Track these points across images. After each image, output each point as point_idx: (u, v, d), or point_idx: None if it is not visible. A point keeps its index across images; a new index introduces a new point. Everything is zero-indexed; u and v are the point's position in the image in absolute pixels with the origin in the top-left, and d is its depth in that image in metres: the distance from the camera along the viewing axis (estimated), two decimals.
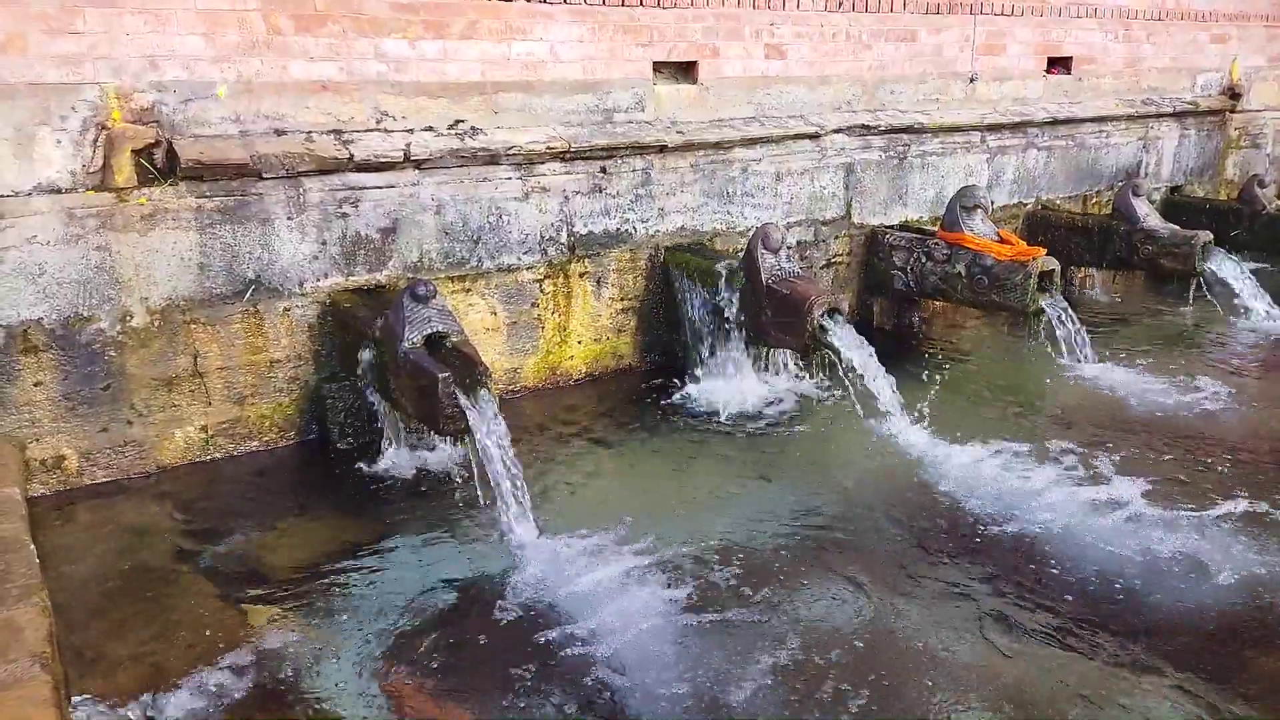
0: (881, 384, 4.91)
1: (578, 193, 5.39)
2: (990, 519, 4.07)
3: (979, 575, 3.68)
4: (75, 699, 2.90)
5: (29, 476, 4.10)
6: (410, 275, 4.87)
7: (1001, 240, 5.97)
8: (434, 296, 4.22)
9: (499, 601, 3.49)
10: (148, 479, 4.38)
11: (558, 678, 3.09)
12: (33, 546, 3.15)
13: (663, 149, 5.62)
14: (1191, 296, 7.05)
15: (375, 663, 3.18)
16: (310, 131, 4.58)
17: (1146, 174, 8.53)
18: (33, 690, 2.38)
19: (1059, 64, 7.83)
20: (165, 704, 2.96)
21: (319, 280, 4.70)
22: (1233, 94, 9.11)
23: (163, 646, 3.23)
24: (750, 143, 5.98)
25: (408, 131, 4.82)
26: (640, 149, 5.54)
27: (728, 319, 5.42)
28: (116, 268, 4.18)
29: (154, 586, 3.58)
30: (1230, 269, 6.81)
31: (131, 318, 4.26)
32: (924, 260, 6.24)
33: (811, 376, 5.58)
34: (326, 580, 3.64)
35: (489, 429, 3.88)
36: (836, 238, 6.59)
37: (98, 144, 4.10)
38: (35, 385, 4.11)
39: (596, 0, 5.30)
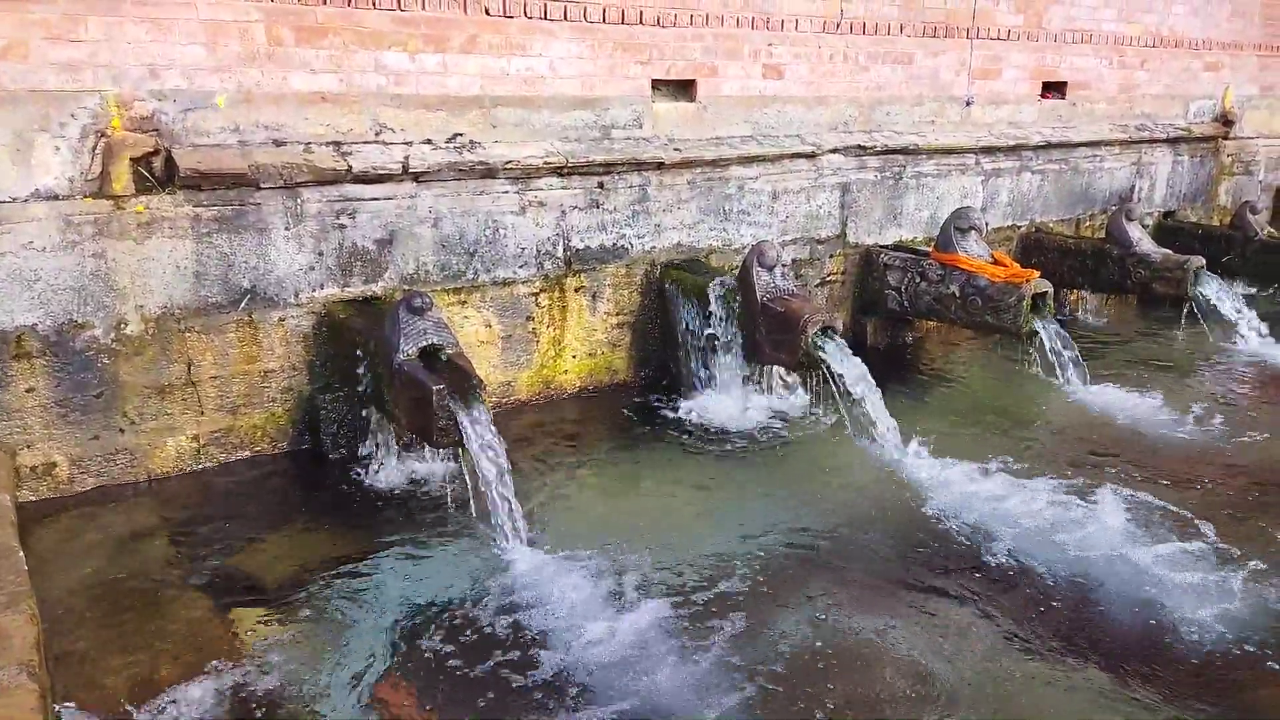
0: (874, 403, 4.92)
1: (575, 208, 5.42)
2: (979, 539, 4.07)
3: (968, 595, 3.68)
4: (62, 708, 2.88)
5: (19, 483, 4.08)
6: (406, 287, 4.88)
7: (995, 262, 6.01)
8: (430, 309, 4.22)
9: (489, 614, 3.48)
10: (139, 487, 4.37)
11: (545, 692, 3.08)
12: (21, 554, 3.14)
13: (660, 166, 5.65)
14: (1183, 321, 7.08)
15: (365, 674, 3.17)
16: (309, 142, 4.59)
17: (1140, 199, 8.60)
18: (20, 698, 2.37)
19: (1054, 89, 7.90)
20: (153, 714, 2.94)
21: (315, 291, 4.71)
22: (1225, 121, 9.20)
23: (152, 655, 3.21)
24: (747, 161, 6.02)
25: (406, 144, 4.84)
26: (638, 165, 5.57)
27: (722, 335, 5.44)
28: (112, 275, 4.18)
29: (144, 595, 3.56)
30: (1222, 294, 6.85)
31: (126, 325, 4.26)
32: (918, 280, 6.27)
33: (805, 394, 5.59)
34: (317, 591, 3.63)
35: (482, 442, 3.88)
36: (831, 256, 6.62)
37: (96, 151, 4.10)
38: (27, 391, 4.10)
39: (596, 17, 5.34)
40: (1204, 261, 6.83)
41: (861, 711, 3.03)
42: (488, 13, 4.96)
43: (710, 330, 5.46)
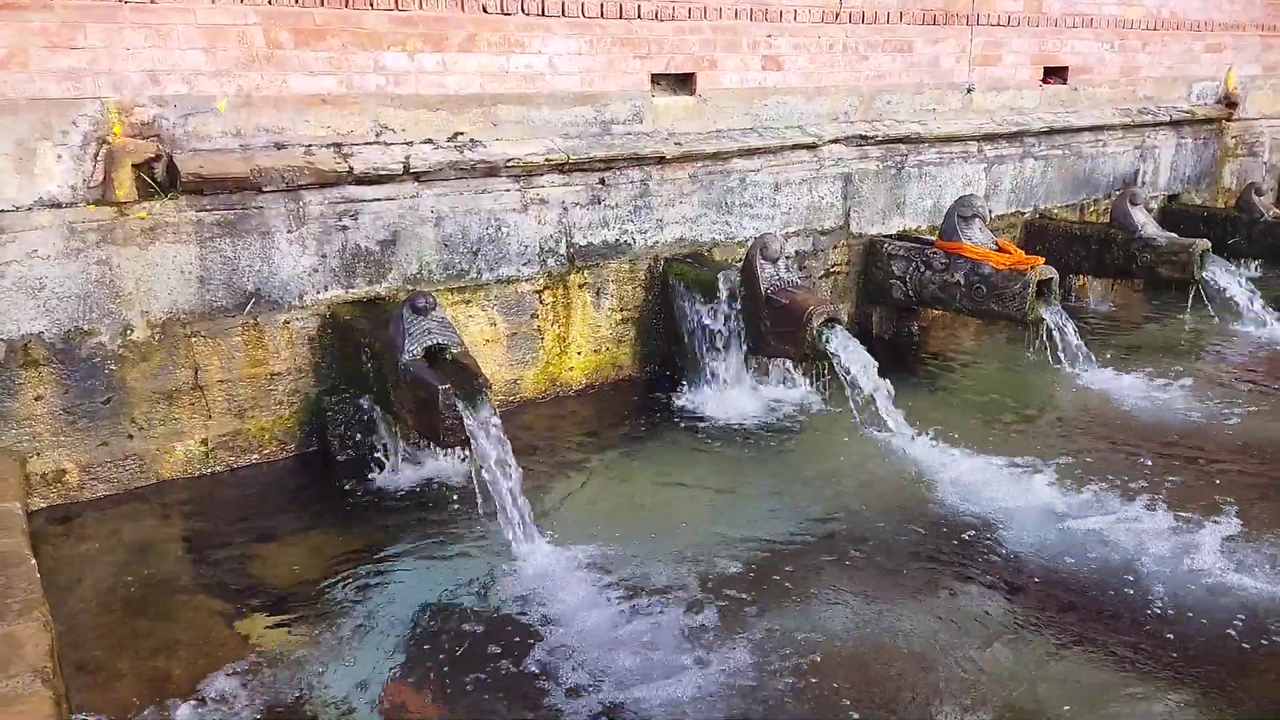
0: (880, 393, 4.92)
1: (576, 204, 5.41)
2: (989, 528, 4.07)
3: (978, 583, 3.68)
4: (76, 715, 2.89)
5: (29, 490, 4.10)
6: (410, 287, 4.88)
7: (999, 249, 5.99)
8: (434, 308, 4.22)
9: (500, 614, 3.49)
10: (148, 493, 4.38)
11: (557, 691, 3.08)
12: (34, 561, 3.15)
13: (661, 160, 5.64)
14: (1189, 304, 7.05)
15: (376, 676, 3.18)
16: (310, 145, 4.59)
17: (1144, 182, 8.56)
18: (34, 705, 2.38)
19: (1055, 74, 7.87)
20: (165, 719, 2.95)
21: (319, 293, 4.71)
22: (1229, 103, 9.15)
23: (164, 661, 3.23)
24: (748, 153, 6.01)
25: (407, 144, 4.84)
26: (639, 160, 5.56)
27: (726, 329, 5.43)
28: (117, 281, 4.19)
29: (155, 600, 3.58)
30: (1228, 277, 6.82)
31: (132, 331, 4.27)
32: (922, 269, 6.25)
33: (810, 386, 5.58)
34: (327, 594, 3.64)
35: (489, 440, 3.89)
36: (835, 247, 6.61)
37: (98, 158, 4.11)
38: (36, 399, 4.11)
39: (594, 13, 5.33)
40: (1209, 244, 6.81)
41: (876, 704, 3.03)
42: (485, 10, 4.96)
43: (715, 324, 5.45)
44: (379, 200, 4.77)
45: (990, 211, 6.95)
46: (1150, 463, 4.69)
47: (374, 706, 3.04)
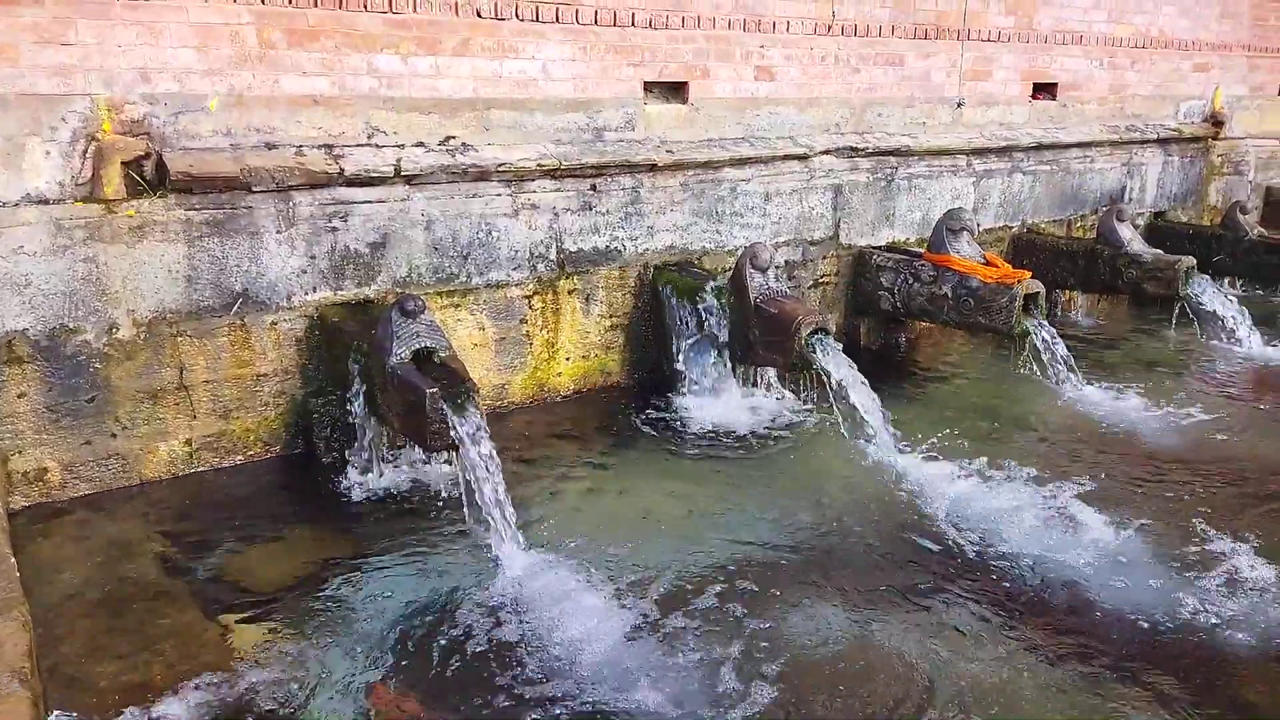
0: (867, 404, 4.93)
1: (568, 210, 5.41)
2: (973, 540, 4.08)
3: (961, 595, 3.69)
4: (54, 715, 2.86)
5: (10, 489, 4.07)
6: (399, 290, 4.87)
7: (987, 263, 6.02)
8: (423, 312, 4.21)
9: (483, 620, 3.47)
10: (131, 493, 4.35)
11: (538, 695, 3.07)
12: (13, 560, 3.13)
13: (653, 168, 5.65)
14: (1174, 321, 7.11)
15: (358, 681, 3.16)
16: (301, 145, 4.58)
17: (1130, 199, 8.63)
18: (11, 706, 2.35)
19: (1045, 90, 7.93)
20: None
21: (307, 294, 4.70)
22: (1215, 121, 9.24)
23: (144, 662, 3.20)
24: (739, 163, 6.03)
25: (399, 147, 4.83)
26: (630, 168, 5.57)
27: (715, 337, 5.44)
28: (103, 279, 4.16)
29: (136, 601, 3.55)
30: (1212, 294, 6.88)
31: (117, 330, 4.24)
32: (910, 281, 6.28)
33: (798, 396, 5.60)
34: (310, 596, 3.62)
35: (476, 444, 3.87)
36: (824, 258, 6.63)
37: (87, 155, 4.09)
38: (19, 397, 4.08)
39: (589, 20, 5.34)
40: (1195, 261, 6.86)
41: (858, 714, 3.03)
42: (480, 15, 4.96)
43: (703, 332, 5.46)
44: (369, 202, 4.76)
45: (978, 225, 7.00)
46: (1134, 474, 4.71)
47: (356, 710, 3.02)
